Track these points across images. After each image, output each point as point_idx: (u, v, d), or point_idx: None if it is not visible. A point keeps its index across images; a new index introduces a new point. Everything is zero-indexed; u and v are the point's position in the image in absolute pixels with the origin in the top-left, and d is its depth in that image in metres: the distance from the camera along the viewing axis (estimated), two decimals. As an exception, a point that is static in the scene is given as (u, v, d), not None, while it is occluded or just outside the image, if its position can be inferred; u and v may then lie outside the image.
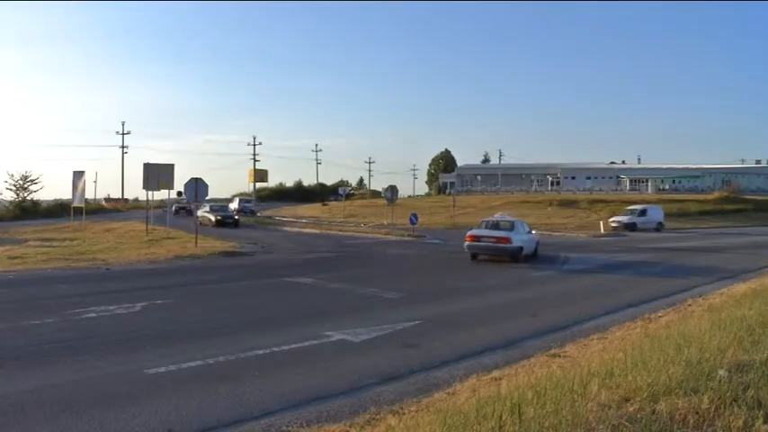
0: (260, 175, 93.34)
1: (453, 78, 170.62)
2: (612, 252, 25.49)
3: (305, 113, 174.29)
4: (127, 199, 77.52)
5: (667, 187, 79.78)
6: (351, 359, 7.61)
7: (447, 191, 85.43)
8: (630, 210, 44.85)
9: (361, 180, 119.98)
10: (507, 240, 20.14)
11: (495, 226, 21.21)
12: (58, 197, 56.57)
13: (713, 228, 46.61)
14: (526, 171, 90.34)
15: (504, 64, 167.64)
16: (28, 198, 55.27)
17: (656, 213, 44.18)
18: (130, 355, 7.51)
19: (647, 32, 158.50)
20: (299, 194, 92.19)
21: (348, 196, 75.04)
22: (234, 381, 6.49)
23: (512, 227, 21.03)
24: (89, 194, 38.66)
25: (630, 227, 41.38)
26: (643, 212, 43.71)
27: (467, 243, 20.76)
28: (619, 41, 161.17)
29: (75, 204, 36.47)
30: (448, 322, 10.14)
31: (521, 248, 20.25)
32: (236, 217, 39.84)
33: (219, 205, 44.74)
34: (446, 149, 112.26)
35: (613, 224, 42.06)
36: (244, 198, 65.04)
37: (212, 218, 38.52)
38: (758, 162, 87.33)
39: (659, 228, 42.25)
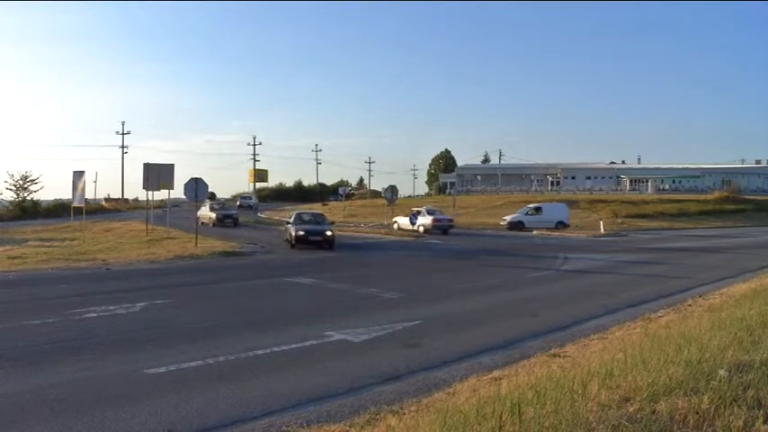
0: (260, 175, 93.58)
1: (453, 78, 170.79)
2: (612, 252, 25.50)
3: (305, 113, 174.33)
4: (127, 199, 77.74)
5: (667, 187, 79.78)
6: (351, 359, 7.61)
7: (447, 191, 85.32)
8: (525, 208, 42.89)
9: (361, 180, 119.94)
10: None
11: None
12: (58, 197, 56.69)
13: (713, 228, 46.61)
14: (526, 171, 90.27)
15: (504, 64, 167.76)
16: (28, 198, 55.24)
17: (555, 212, 41.33)
18: (130, 355, 7.50)
19: (647, 32, 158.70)
20: (299, 194, 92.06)
21: (348, 196, 75.10)
22: (234, 381, 6.49)
23: None
24: (89, 194, 38.33)
25: (517, 226, 38.92)
26: (537, 210, 41.16)
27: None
28: (619, 41, 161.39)
29: (75, 204, 36.32)
30: (448, 322, 10.13)
31: None
32: (329, 234, 26.28)
33: (311, 213, 31.49)
34: (446, 149, 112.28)
35: (501, 222, 40.43)
36: (244, 195, 67.87)
37: (293, 232, 25.92)
38: (758, 162, 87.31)
39: (559, 227, 39.16)
